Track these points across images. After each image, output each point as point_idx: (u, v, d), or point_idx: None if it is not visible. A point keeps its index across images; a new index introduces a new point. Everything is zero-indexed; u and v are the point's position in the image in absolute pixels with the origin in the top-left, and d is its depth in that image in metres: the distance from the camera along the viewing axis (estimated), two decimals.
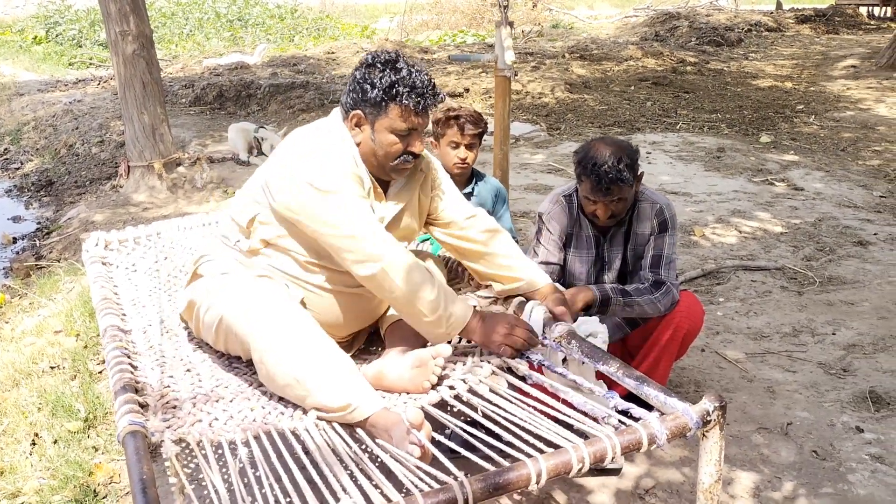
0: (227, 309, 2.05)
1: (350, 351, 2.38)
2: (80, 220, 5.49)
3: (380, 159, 2.15)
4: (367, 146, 2.14)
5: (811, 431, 2.80)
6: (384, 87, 2.07)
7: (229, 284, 2.09)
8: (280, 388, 1.94)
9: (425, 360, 2.06)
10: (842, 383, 3.13)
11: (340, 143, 2.14)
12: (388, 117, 2.10)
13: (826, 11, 16.43)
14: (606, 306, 2.62)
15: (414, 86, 2.09)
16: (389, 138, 2.11)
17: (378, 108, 2.10)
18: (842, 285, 4.09)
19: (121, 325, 2.38)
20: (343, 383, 1.87)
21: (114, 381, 2.04)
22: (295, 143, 2.15)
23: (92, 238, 3.10)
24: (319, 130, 2.18)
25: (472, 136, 3.15)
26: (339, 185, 2.05)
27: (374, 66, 2.11)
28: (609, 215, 2.61)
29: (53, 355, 3.30)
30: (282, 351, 1.91)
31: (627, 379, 1.85)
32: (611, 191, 2.53)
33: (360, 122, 2.13)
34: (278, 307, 1.98)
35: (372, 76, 2.09)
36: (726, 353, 3.37)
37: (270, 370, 1.93)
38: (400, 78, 2.08)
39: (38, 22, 16.10)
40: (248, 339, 1.98)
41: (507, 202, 3.41)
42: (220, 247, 2.27)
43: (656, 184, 5.87)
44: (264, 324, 1.95)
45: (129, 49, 5.66)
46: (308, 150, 2.10)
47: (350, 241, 2.03)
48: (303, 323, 1.97)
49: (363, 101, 2.11)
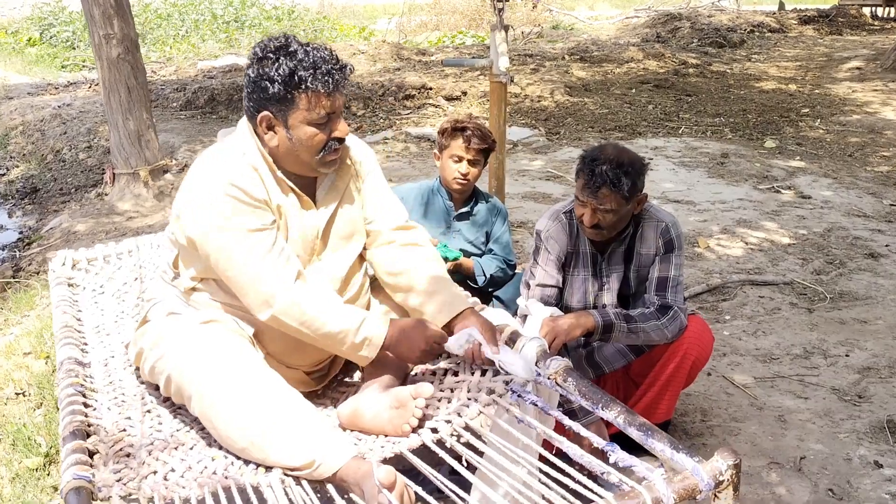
0: (172, 366, 1.85)
1: (324, 381, 2.19)
2: (61, 231, 5.30)
3: (303, 157, 1.94)
4: (286, 147, 1.93)
5: (826, 466, 2.61)
6: (284, 77, 1.86)
7: (173, 335, 1.89)
8: (239, 451, 1.74)
9: (405, 399, 1.87)
10: (857, 411, 2.94)
11: (239, 161, 1.92)
12: (300, 109, 1.88)
13: (829, 12, 16.23)
14: (609, 333, 2.43)
15: (316, 66, 1.87)
16: (308, 131, 1.90)
17: (285, 102, 1.88)
18: (854, 301, 3.90)
19: (79, 358, 2.20)
20: (304, 438, 1.68)
21: (63, 424, 1.85)
22: (194, 171, 1.95)
23: (59, 257, 2.93)
24: (221, 152, 1.96)
25: (477, 152, 2.97)
26: (230, 222, 1.85)
27: (266, 59, 1.89)
28: (594, 224, 2.41)
29: (20, 380, 3.11)
30: (231, 413, 1.72)
31: (632, 429, 1.65)
32: (600, 193, 2.34)
33: (270, 123, 1.92)
34: (223, 362, 1.78)
35: (268, 70, 1.87)
36: (734, 377, 3.18)
37: (223, 434, 1.74)
38: (298, 62, 1.86)
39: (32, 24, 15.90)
40: (195, 402, 1.79)
41: (507, 220, 3.23)
42: (163, 285, 2.08)
43: (659, 191, 5.68)
44: (209, 385, 1.76)
45: (113, 53, 5.47)
46: (200, 180, 1.90)
47: (242, 284, 1.87)
48: (252, 376, 1.78)
49: (266, 99, 1.89)
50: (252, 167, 1.93)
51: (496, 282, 3.12)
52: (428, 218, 3.11)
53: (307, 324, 1.88)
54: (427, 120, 8.18)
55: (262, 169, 1.95)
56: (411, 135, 7.51)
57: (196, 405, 1.79)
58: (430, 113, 8.46)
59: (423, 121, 8.14)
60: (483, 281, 3.08)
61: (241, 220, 1.86)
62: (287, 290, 1.86)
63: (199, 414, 1.80)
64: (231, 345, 1.84)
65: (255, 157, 1.95)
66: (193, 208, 1.89)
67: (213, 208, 1.85)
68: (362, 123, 8.07)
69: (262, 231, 1.88)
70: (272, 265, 1.87)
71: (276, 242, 1.90)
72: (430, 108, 8.63)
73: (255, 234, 1.87)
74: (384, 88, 9.02)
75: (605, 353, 2.64)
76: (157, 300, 2.06)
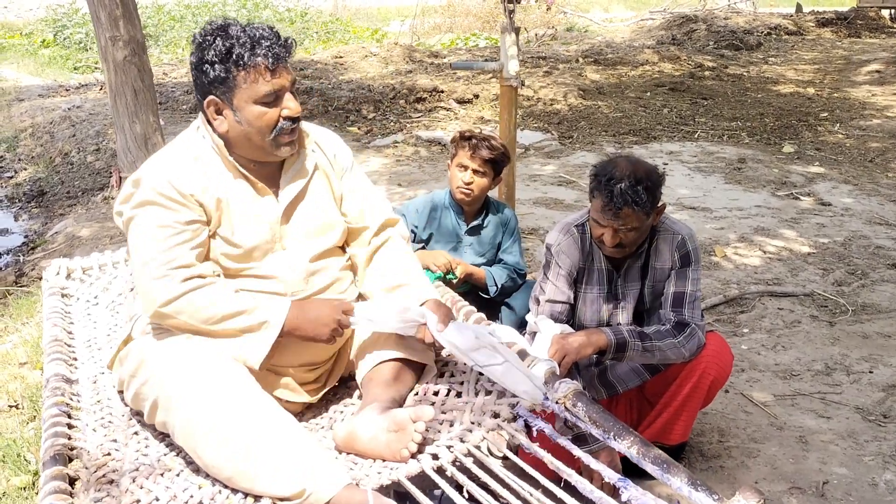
0: (156, 393, 1.76)
1: (320, 392, 2.09)
2: (65, 235, 5.23)
3: (255, 140, 1.89)
4: (237, 131, 1.88)
5: (850, 492, 2.47)
6: (221, 56, 1.81)
7: (155, 358, 1.80)
8: (226, 480, 1.64)
9: (404, 423, 1.77)
10: (883, 432, 2.80)
11: (177, 154, 1.92)
12: (242, 88, 1.83)
13: (847, 14, 15.99)
14: (623, 351, 2.31)
15: (255, 41, 1.82)
16: (255, 110, 1.85)
17: (226, 83, 1.84)
18: (877, 314, 3.75)
19: (67, 375, 2.11)
20: (293, 466, 1.58)
21: (44, 448, 1.76)
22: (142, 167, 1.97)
23: (53, 266, 2.85)
24: (165, 148, 1.99)
25: (483, 162, 2.89)
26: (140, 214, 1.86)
27: (204, 42, 1.84)
28: (616, 244, 2.29)
29: (14, 392, 3.02)
30: (216, 440, 1.62)
31: (647, 462, 1.54)
32: (621, 213, 2.22)
33: (218, 107, 1.87)
34: (207, 385, 1.69)
35: (206, 54, 1.83)
36: (753, 394, 3.05)
37: (208, 463, 1.64)
38: (234, 40, 1.82)
39: (46, 25, 15.92)
40: (178, 430, 1.70)
41: (519, 237, 3.12)
42: None
43: (674, 198, 5.54)
44: (193, 410, 1.67)
45: (119, 55, 5.40)
46: (133, 177, 1.93)
47: (136, 277, 1.88)
48: (238, 399, 1.68)
49: (210, 83, 1.85)
50: (193, 158, 1.90)
51: (506, 291, 3.04)
52: (440, 232, 3.03)
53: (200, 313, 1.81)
54: (438, 123, 8.07)
55: (208, 157, 1.91)
56: (422, 138, 7.41)
57: (180, 433, 1.70)
58: (441, 116, 8.35)
59: (434, 124, 8.04)
60: (495, 291, 2.99)
61: (152, 213, 1.85)
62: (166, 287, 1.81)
63: (183, 443, 1.70)
64: (214, 368, 1.74)
65: (201, 147, 1.91)
66: (120, 202, 1.93)
67: (132, 201, 1.88)
68: (372, 126, 7.97)
69: (167, 227, 1.84)
70: (166, 259, 1.82)
71: (185, 240, 1.85)
72: (441, 111, 8.52)
73: (161, 229, 1.84)
74: (395, 91, 8.92)
75: (618, 371, 2.53)
76: (138, 316, 1.97)
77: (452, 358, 2.21)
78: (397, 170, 6.43)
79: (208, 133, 1.92)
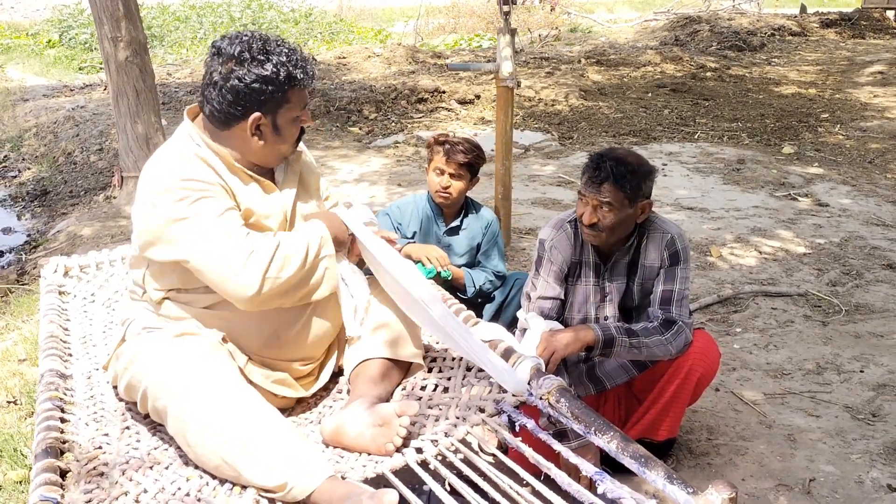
0: (147, 382, 1.79)
1: (313, 386, 2.12)
2: (67, 234, 5.28)
3: (283, 150, 1.98)
4: (270, 144, 1.93)
5: (837, 490, 2.50)
6: (284, 77, 1.85)
7: (148, 352, 1.84)
8: (212, 469, 1.68)
9: (389, 418, 1.81)
10: (871, 431, 2.82)
11: (186, 156, 1.90)
12: (289, 105, 1.90)
13: (852, 15, 15.95)
14: (610, 347, 2.34)
15: (301, 62, 1.90)
16: (294, 128, 1.94)
17: (279, 102, 1.89)
18: (870, 315, 3.77)
19: (61, 370, 2.15)
20: (276, 459, 1.62)
21: (37, 441, 1.80)
22: (143, 182, 1.91)
23: (51, 264, 2.88)
24: (165, 155, 1.93)
25: (459, 166, 2.93)
26: (190, 211, 1.82)
27: (253, 60, 1.85)
28: (593, 223, 2.32)
29: (13, 388, 3.07)
30: (203, 429, 1.66)
31: (625, 456, 1.57)
32: (602, 188, 2.27)
33: (259, 124, 1.90)
34: (197, 379, 1.73)
35: (260, 71, 1.84)
36: (743, 393, 3.07)
37: (196, 452, 1.68)
38: (287, 60, 1.87)
39: (52, 26, 16.00)
40: (170, 419, 1.74)
41: (500, 240, 3.15)
42: (132, 303, 2.03)
43: (672, 198, 5.56)
44: (182, 401, 1.71)
45: (121, 56, 5.44)
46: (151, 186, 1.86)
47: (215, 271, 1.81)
48: (225, 393, 1.72)
49: (260, 102, 1.87)
50: (202, 160, 1.90)
51: (485, 293, 3.07)
52: (421, 231, 3.07)
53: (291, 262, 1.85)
54: (439, 124, 8.10)
55: (214, 161, 1.92)
56: (422, 139, 7.44)
57: (171, 422, 1.74)
58: (442, 116, 8.38)
59: (436, 124, 8.07)
60: (472, 293, 3.03)
61: (200, 207, 1.83)
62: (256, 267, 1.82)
63: (174, 431, 1.74)
64: (206, 360, 1.78)
65: (206, 153, 1.92)
66: (150, 213, 1.84)
67: (171, 205, 1.82)
68: (373, 127, 8.01)
69: (223, 215, 1.84)
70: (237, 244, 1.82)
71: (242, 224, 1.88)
72: (442, 111, 8.55)
73: (218, 218, 1.83)
74: (397, 91, 8.95)
75: (606, 368, 2.55)
76: (131, 319, 2.01)
77: (441, 354, 2.24)
78: (397, 170, 6.46)
79: (208, 143, 1.92)
